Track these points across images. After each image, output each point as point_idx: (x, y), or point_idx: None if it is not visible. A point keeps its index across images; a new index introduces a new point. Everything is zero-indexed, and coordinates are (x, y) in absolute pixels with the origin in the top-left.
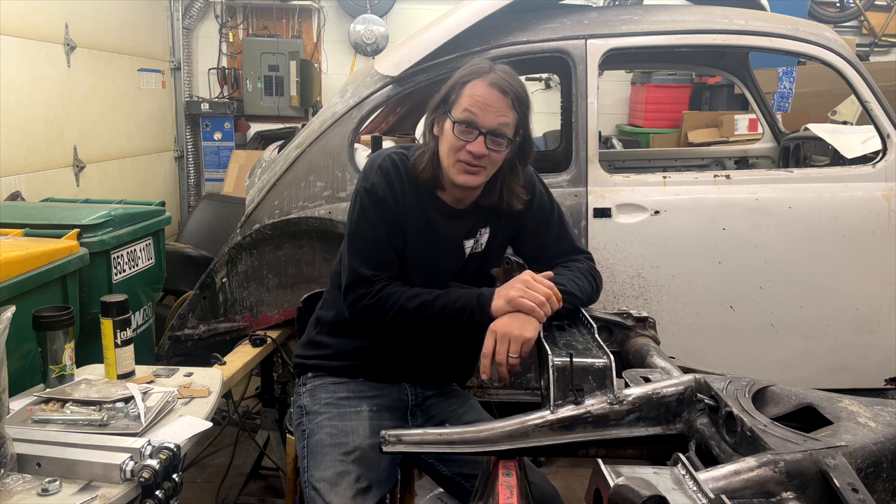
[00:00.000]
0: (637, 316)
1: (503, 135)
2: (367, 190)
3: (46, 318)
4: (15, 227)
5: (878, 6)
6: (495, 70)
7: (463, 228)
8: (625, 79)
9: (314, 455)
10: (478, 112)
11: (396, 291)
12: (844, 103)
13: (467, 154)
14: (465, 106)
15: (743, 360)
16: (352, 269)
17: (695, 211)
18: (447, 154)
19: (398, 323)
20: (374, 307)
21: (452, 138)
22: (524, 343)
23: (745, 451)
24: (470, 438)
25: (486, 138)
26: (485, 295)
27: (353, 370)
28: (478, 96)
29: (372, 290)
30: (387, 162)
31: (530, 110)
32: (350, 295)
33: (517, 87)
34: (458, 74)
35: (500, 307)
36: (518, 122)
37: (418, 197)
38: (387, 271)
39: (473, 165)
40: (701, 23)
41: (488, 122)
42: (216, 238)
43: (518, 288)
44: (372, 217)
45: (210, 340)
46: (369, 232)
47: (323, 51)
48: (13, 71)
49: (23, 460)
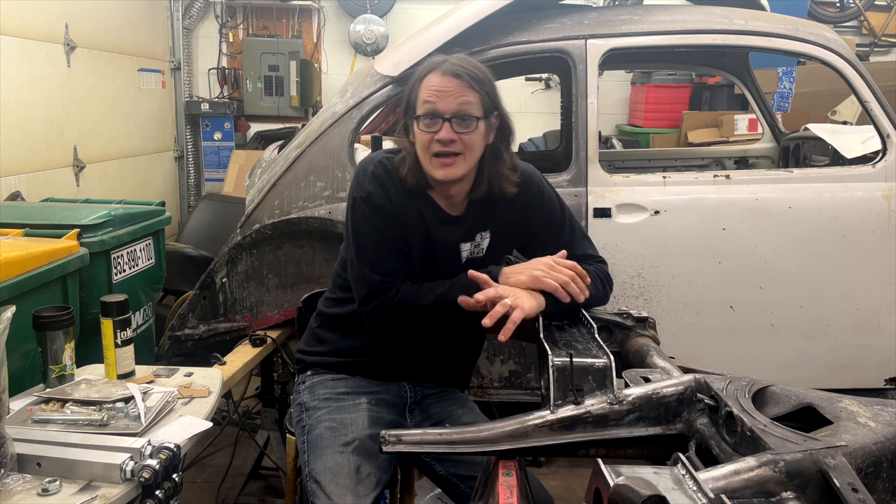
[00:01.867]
0: (637, 316)
1: (468, 114)
2: (363, 199)
3: (46, 318)
4: (15, 227)
5: (878, 6)
6: (448, 60)
7: (458, 233)
8: (625, 79)
9: (314, 449)
10: (436, 100)
11: (410, 291)
12: (844, 103)
13: (437, 144)
14: (423, 99)
15: (743, 360)
16: (363, 279)
17: (695, 211)
18: (422, 153)
19: (420, 322)
20: (394, 313)
21: (421, 134)
22: (516, 310)
23: (745, 451)
24: (470, 438)
25: (452, 122)
26: (493, 272)
27: (353, 367)
28: (433, 87)
29: (388, 297)
30: (379, 169)
31: (495, 89)
32: (366, 305)
33: (472, 69)
34: (415, 76)
35: (521, 282)
36: (483, 101)
37: (412, 201)
38: (398, 275)
39: (448, 156)
40: (701, 23)
41: (448, 107)
42: (216, 238)
43: (542, 269)
44: (374, 223)
45: (210, 340)
46: (374, 238)
47: (323, 51)
48: (13, 71)
49: (23, 460)
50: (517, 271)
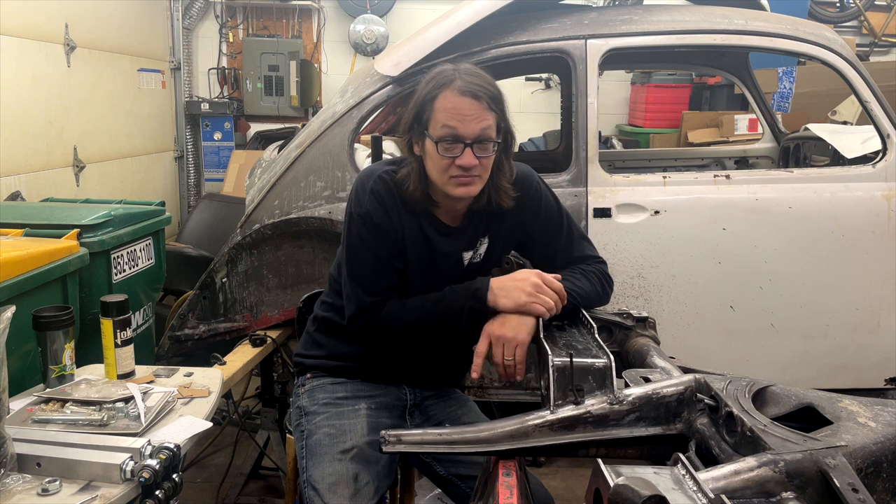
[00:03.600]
0: (637, 316)
1: (488, 139)
2: (361, 216)
3: (46, 318)
4: (15, 227)
5: (878, 6)
6: (460, 75)
7: (460, 243)
8: (625, 79)
9: (313, 455)
10: (457, 125)
11: (394, 310)
12: (844, 103)
13: (457, 168)
14: (442, 122)
15: (743, 360)
16: (354, 299)
17: (695, 211)
18: (438, 174)
19: (406, 339)
20: (378, 331)
21: (438, 158)
22: (518, 346)
23: (745, 451)
24: (470, 438)
25: (473, 148)
26: (480, 288)
27: (351, 371)
28: (451, 109)
29: (373, 316)
30: (378, 185)
31: (504, 103)
32: (354, 324)
33: (488, 87)
34: (424, 90)
35: (506, 307)
36: (498, 121)
37: (414, 216)
38: (388, 294)
39: (467, 177)
40: (701, 23)
41: (470, 132)
42: (216, 238)
43: (529, 293)
44: (370, 243)
45: (210, 340)
46: (369, 259)
47: (323, 51)
48: (13, 71)
49: (23, 460)
50: (504, 292)
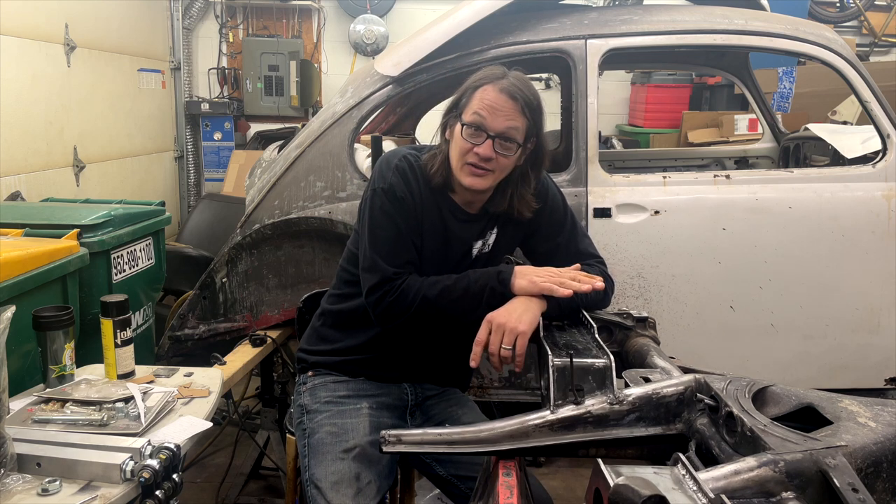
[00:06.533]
0: (637, 316)
1: (512, 139)
2: (384, 190)
3: (46, 318)
4: (15, 227)
5: (878, 6)
6: (508, 76)
7: (474, 231)
8: (625, 79)
9: (315, 454)
10: (486, 115)
11: (416, 282)
12: (844, 103)
13: (475, 156)
14: (474, 109)
15: (743, 360)
16: (375, 268)
17: (695, 211)
18: (456, 157)
19: (423, 312)
20: (398, 302)
21: (461, 141)
22: (518, 336)
23: (745, 451)
24: (470, 438)
25: (495, 141)
26: (504, 271)
27: (354, 368)
28: (487, 100)
29: (394, 286)
30: (403, 163)
31: (543, 117)
32: (373, 295)
33: (528, 94)
34: (472, 79)
35: (522, 287)
36: (529, 128)
37: (433, 198)
38: (409, 268)
39: (480, 168)
40: (701, 23)
41: (497, 126)
42: (216, 238)
43: (551, 275)
44: (393, 215)
45: (210, 340)
46: (391, 230)
47: (323, 51)
48: (13, 71)
49: (23, 460)
50: (527, 278)
